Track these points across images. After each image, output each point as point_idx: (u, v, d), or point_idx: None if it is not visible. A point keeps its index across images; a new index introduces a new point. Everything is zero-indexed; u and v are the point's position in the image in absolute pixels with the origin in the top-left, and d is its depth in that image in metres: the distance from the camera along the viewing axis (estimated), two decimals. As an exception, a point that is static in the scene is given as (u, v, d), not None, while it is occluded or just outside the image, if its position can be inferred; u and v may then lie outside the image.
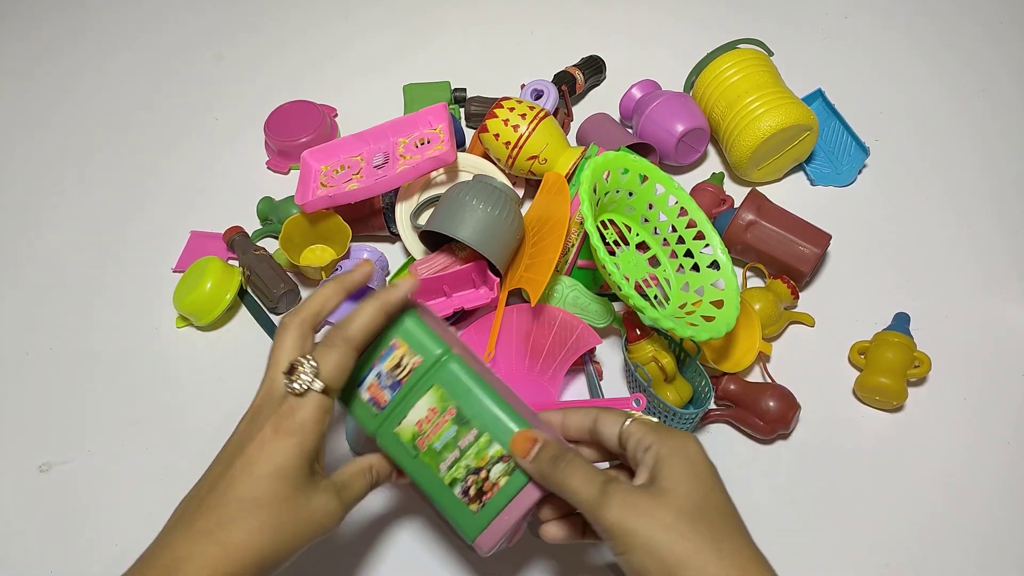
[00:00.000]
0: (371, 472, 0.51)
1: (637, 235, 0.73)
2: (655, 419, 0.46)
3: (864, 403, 0.71)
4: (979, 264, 0.82)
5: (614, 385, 0.73)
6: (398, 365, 0.51)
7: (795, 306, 0.77)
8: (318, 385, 0.46)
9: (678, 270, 0.73)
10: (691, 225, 0.72)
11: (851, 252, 0.83)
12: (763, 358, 0.73)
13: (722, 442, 0.70)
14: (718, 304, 0.68)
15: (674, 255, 0.73)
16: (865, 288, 0.80)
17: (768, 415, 0.66)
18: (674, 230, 0.73)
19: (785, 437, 0.69)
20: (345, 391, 0.52)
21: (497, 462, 0.49)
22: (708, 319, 0.67)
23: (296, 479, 0.44)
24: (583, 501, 0.43)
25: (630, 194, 0.71)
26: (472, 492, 0.50)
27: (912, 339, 0.71)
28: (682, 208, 0.72)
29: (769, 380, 0.72)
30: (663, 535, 0.40)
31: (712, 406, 0.70)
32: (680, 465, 0.43)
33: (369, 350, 0.51)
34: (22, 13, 1.21)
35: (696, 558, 0.39)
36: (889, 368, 0.69)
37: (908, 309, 0.75)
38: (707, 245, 0.72)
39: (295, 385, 0.46)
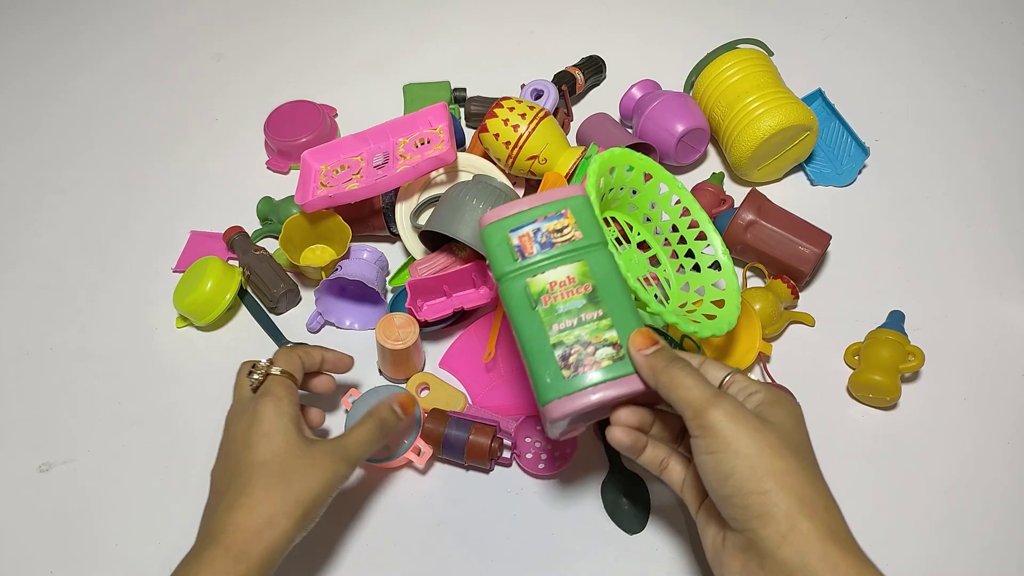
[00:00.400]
0: (389, 412, 0.59)
1: (638, 234, 0.73)
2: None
3: (858, 401, 0.71)
4: (979, 264, 0.82)
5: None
6: (560, 230, 0.56)
7: (795, 306, 0.77)
8: (276, 369, 0.56)
9: (678, 270, 0.73)
10: (693, 225, 0.72)
11: (851, 252, 0.83)
12: (763, 358, 0.73)
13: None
14: (719, 304, 0.68)
15: (675, 255, 0.73)
16: (865, 288, 0.80)
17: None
18: (675, 230, 0.73)
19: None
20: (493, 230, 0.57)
21: (607, 347, 0.52)
22: (710, 317, 0.67)
23: (288, 437, 0.52)
24: (695, 398, 0.44)
25: (633, 192, 0.71)
26: (571, 360, 0.52)
27: (906, 336, 0.71)
28: (684, 208, 0.72)
29: (769, 380, 0.72)
30: (764, 447, 0.42)
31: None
32: (785, 411, 0.45)
33: (531, 208, 0.57)
34: (22, 12, 1.21)
35: (788, 477, 0.41)
36: (881, 365, 0.69)
37: (908, 309, 0.75)
38: (708, 245, 0.72)
39: (256, 376, 0.56)
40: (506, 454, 0.67)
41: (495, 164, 0.83)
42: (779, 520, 0.40)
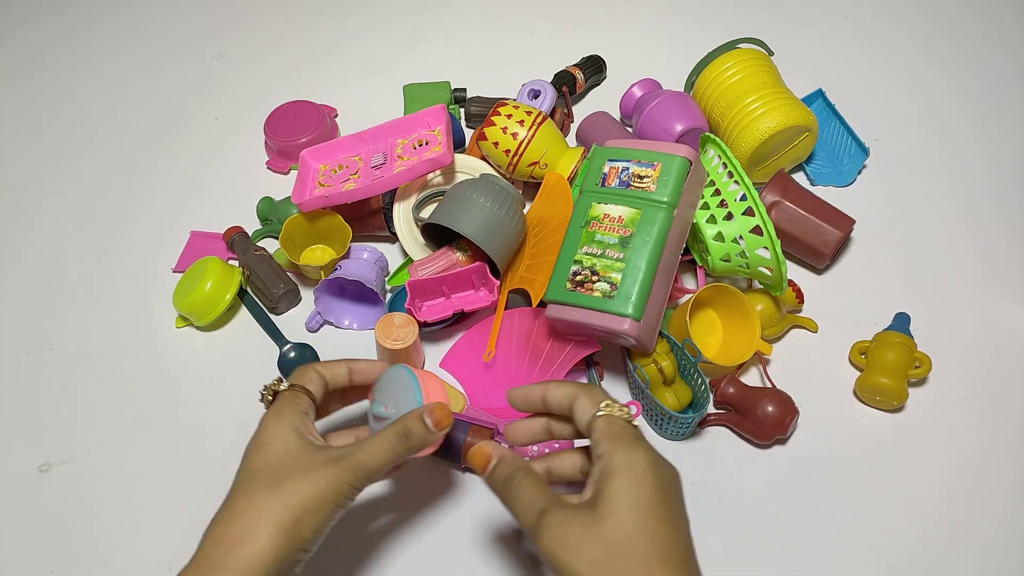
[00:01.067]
0: (418, 424, 0.50)
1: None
2: (624, 416, 0.45)
3: (864, 403, 0.71)
4: (980, 264, 0.82)
5: (615, 386, 0.73)
6: (641, 177, 0.65)
7: (800, 310, 0.77)
8: (284, 385, 0.53)
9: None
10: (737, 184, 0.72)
11: (852, 252, 0.83)
12: (763, 360, 0.73)
13: (721, 442, 0.70)
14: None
15: (712, 219, 0.73)
16: (866, 288, 0.80)
17: (766, 420, 0.66)
18: (716, 193, 0.73)
19: (783, 442, 0.69)
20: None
21: (606, 283, 0.63)
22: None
23: (287, 444, 0.47)
24: (524, 524, 0.44)
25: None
26: (578, 278, 0.64)
27: (912, 339, 0.71)
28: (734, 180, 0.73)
29: (769, 384, 0.72)
30: (587, 570, 0.39)
31: (711, 410, 0.70)
32: (622, 488, 0.41)
33: (631, 152, 0.67)
34: (22, 12, 1.21)
35: None
36: (889, 368, 0.69)
37: (909, 309, 0.75)
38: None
39: (267, 396, 0.53)
40: None
41: (495, 170, 0.83)
42: None
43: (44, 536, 0.66)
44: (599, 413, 0.45)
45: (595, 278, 0.64)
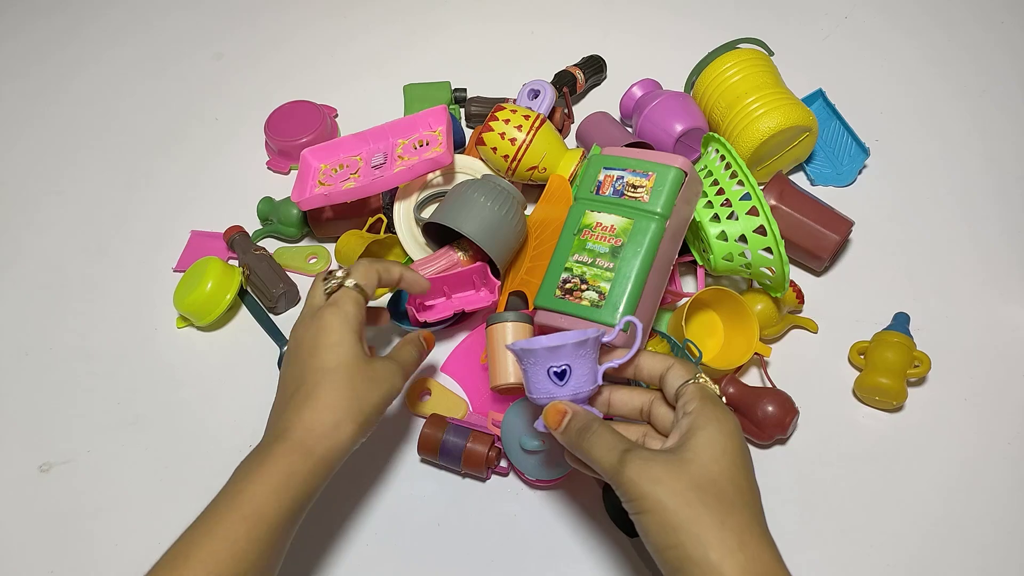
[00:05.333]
0: (419, 341, 0.62)
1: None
2: (716, 388, 0.48)
3: (864, 403, 0.71)
4: (981, 264, 0.82)
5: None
6: (635, 187, 0.64)
7: (800, 311, 0.77)
8: (351, 282, 0.56)
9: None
10: (740, 184, 0.72)
11: (852, 252, 0.83)
12: (762, 361, 0.73)
13: (722, 443, 0.70)
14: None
15: (716, 218, 0.73)
16: (866, 288, 0.80)
17: (766, 420, 0.66)
18: (720, 192, 0.73)
19: (783, 442, 0.69)
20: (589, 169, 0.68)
21: (595, 292, 0.62)
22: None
23: (353, 349, 0.53)
24: (605, 468, 0.45)
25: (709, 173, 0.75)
26: (567, 286, 0.64)
27: (912, 339, 0.71)
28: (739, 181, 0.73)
29: (769, 384, 0.72)
30: (670, 500, 0.41)
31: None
32: (710, 437, 0.44)
33: (626, 161, 0.66)
34: (22, 12, 1.21)
35: (695, 524, 0.40)
36: (889, 368, 0.69)
37: (909, 309, 0.75)
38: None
39: (331, 283, 0.56)
40: (503, 463, 0.67)
41: (495, 172, 0.83)
42: (691, 572, 0.40)
43: (44, 536, 0.66)
44: (691, 381, 0.48)
45: (584, 287, 0.63)
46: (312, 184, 0.81)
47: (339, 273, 0.57)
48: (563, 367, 0.50)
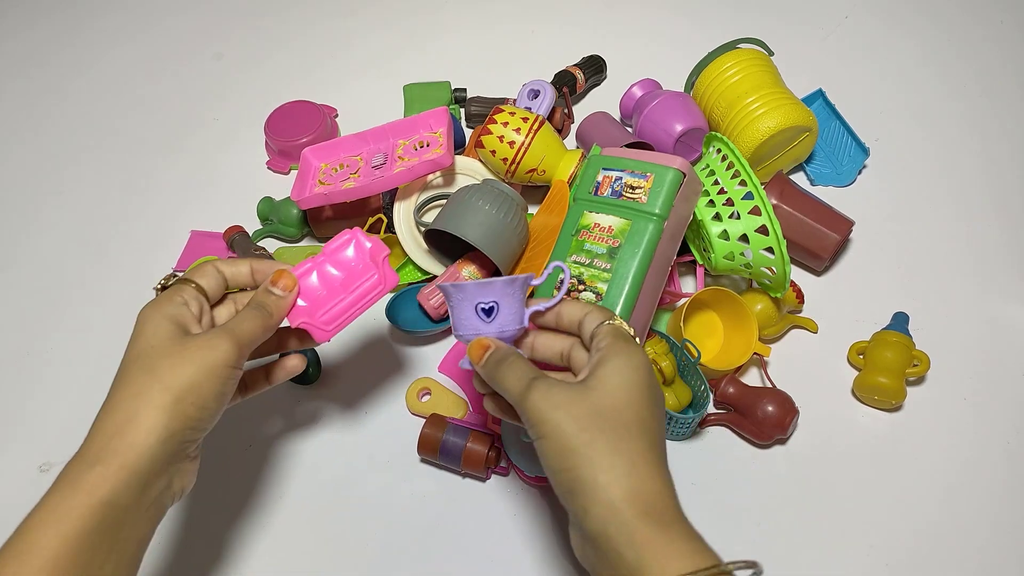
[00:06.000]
0: (261, 300, 0.51)
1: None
2: (631, 331, 0.47)
3: (863, 403, 0.71)
4: (980, 264, 0.82)
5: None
6: (633, 188, 0.65)
7: (800, 310, 0.77)
8: (174, 279, 0.52)
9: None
10: (742, 184, 0.72)
11: (851, 252, 0.83)
12: (762, 361, 0.73)
13: (721, 442, 0.70)
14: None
15: (718, 217, 0.73)
16: (866, 288, 0.80)
17: (766, 420, 0.66)
18: (722, 192, 0.73)
19: (783, 442, 0.69)
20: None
21: (592, 293, 0.63)
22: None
23: (161, 331, 0.47)
24: (513, 395, 0.45)
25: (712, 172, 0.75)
26: (565, 286, 0.60)
27: (911, 338, 0.71)
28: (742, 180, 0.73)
29: (769, 384, 0.72)
30: (568, 425, 0.41)
31: (710, 410, 0.70)
32: (616, 369, 0.43)
33: (625, 162, 0.66)
34: (22, 12, 1.21)
35: (589, 448, 0.40)
36: (888, 367, 0.69)
37: (909, 309, 0.75)
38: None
39: (160, 282, 0.54)
40: (503, 463, 0.67)
41: (495, 175, 0.83)
42: (581, 494, 0.40)
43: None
44: (609, 322, 0.47)
45: (581, 287, 0.64)
46: (312, 183, 0.81)
47: (164, 277, 0.56)
48: (491, 304, 0.50)
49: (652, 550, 0.38)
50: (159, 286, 0.54)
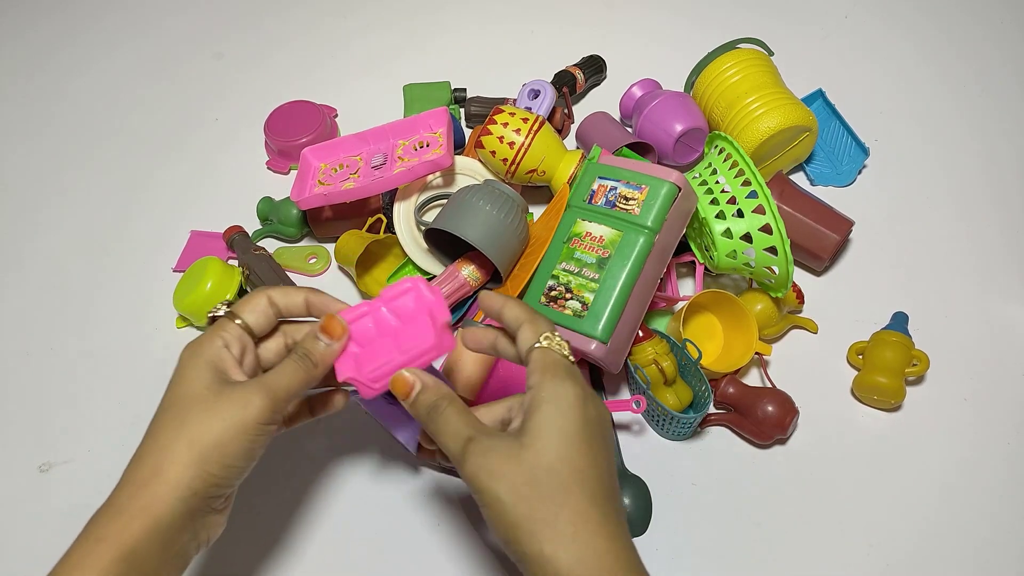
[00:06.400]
0: (303, 354, 0.48)
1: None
2: (561, 351, 0.45)
3: (863, 403, 0.71)
4: (979, 264, 0.82)
5: (616, 385, 0.73)
6: (627, 199, 0.65)
7: (800, 311, 0.77)
8: (221, 311, 0.49)
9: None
10: (746, 183, 0.72)
11: (851, 252, 0.83)
12: (762, 361, 0.73)
13: (722, 442, 0.70)
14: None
15: (721, 215, 0.72)
16: (865, 288, 0.80)
17: (766, 420, 0.66)
18: (726, 190, 0.73)
19: (783, 442, 0.69)
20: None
21: (579, 303, 0.63)
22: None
23: (198, 380, 0.45)
24: (450, 454, 0.44)
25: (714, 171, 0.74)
26: (552, 294, 0.64)
27: (910, 338, 0.71)
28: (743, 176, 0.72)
29: (769, 384, 0.72)
30: (507, 496, 0.40)
31: (711, 410, 0.70)
32: (547, 417, 0.42)
33: (621, 172, 0.66)
34: (22, 13, 1.21)
35: (529, 521, 0.39)
36: (887, 367, 0.69)
37: (908, 309, 0.75)
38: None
39: (210, 314, 0.50)
40: None
41: (494, 175, 0.83)
42: (530, 566, 0.39)
43: (44, 536, 0.66)
44: (537, 345, 0.45)
45: (568, 295, 0.64)
46: (312, 184, 0.81)
47: (217, 306, 0.50)
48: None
49: None
50: (210, 315, 0.50)
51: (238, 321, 0.49)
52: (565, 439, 0.41)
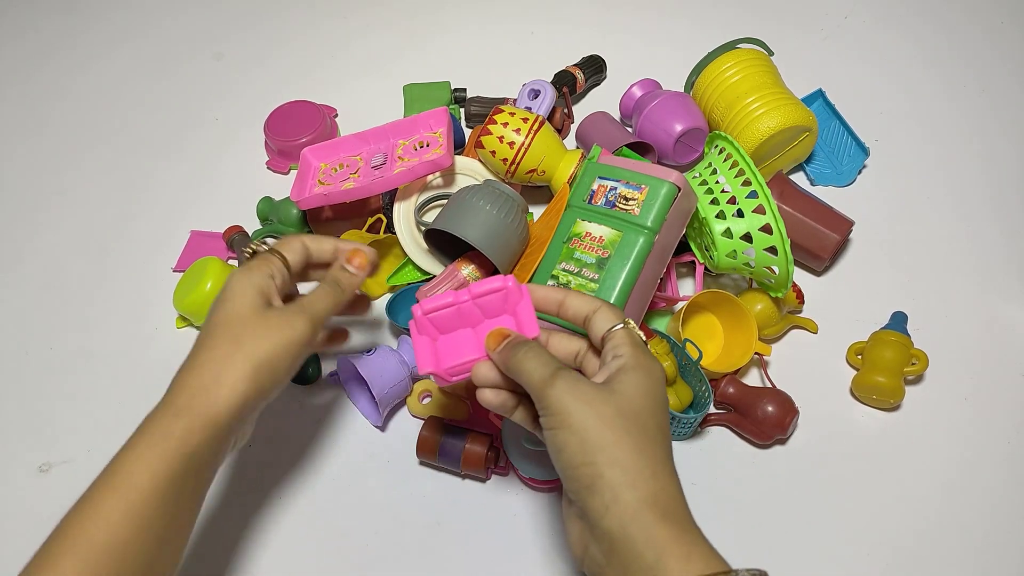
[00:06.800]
0: (335, 281, 0.56)
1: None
2: (643, 335, 0.48)
3: (862, 402, 0.71)
4: (979, 264, 0.82)
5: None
6: (627, 199, 0.64)
7: (800, 311, 0.77)
8: (265, 246, 0.56)
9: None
10: (746, 183, 0.72)
11: (851, 252, 0.83)
12: (762, 361, 0.73)
13: (722, 442, 0.70)
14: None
15: (721, 215, 0.72)
16: (865, 288, 0.80)
17: (766, 420, 0.66)
18: (726, 190, 0.73)
19: (783, 442, 0.69)
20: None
21: None
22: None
23: (248, 301, 0.51)
24: (534, 380, 0.45)
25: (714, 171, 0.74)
26: None
27: (909, 337, 0.71)
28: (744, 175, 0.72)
29: (769, 384, 0.72)
30: (593, 420, 0.42)
31: (711, 410, 0.70)
32: (638, 379, 0.44)
33: (620, 172, 0.66)
34: (22, 13, 1.21)
35: (616, 447, 0.41)
36: (886, 367, 0.69)
37: (908, 309, 0.75)
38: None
39: (246, 251, 0.56)
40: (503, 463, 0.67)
41: (494, 175, 0.83)
42: (603, 491, 0.40)
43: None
44: (620, 325, 0.47)
45: None
46: (312, 183, 0.81)
47: (256, 242, 0.58)
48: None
49: (671, 552, 0.38)
50: (249, 252, 0.56)
51: (279, 257, 0.55)
52: (653, 400, 0.44)
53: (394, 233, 0.79)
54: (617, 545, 0.40)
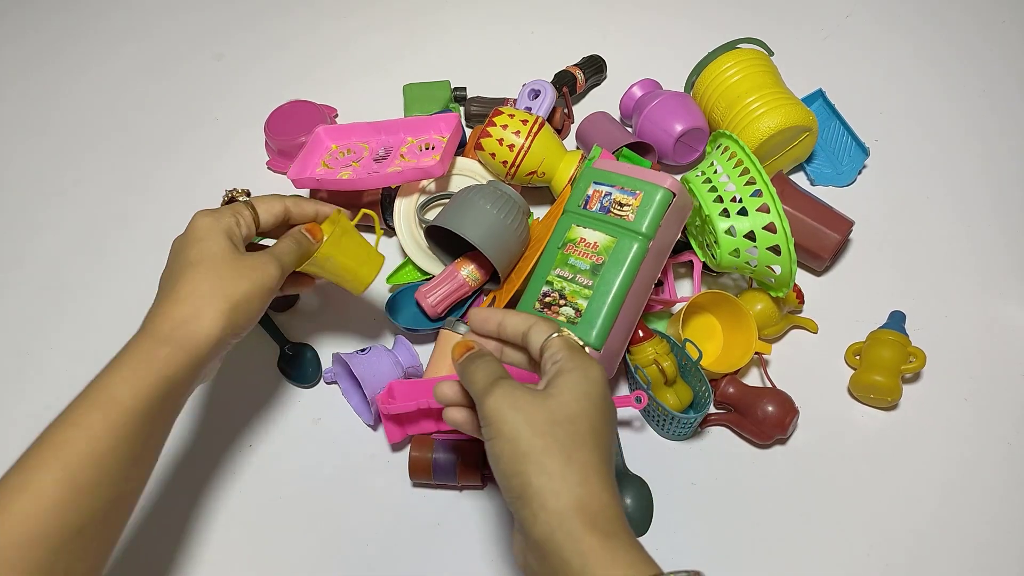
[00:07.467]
0: (300, 233, 0.61)
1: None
2: (581, 342, 0.48)
3: (860, 401, 0.71)
4: (979, 264, 0.82)
5: (616, 384, 0.73)
6: (622, 205, 0.64)
7: (800, 311, 0.77)
8: (242, 197, 0.60)
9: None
10: (751, 181, 0.71)
11: (851, 252, 0.83)
12: (762, 361, 0.73)
13: (722, 442, 0.70)
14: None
15: (725, 213, 0.72)
16: (865, 288, 0.80)
17: (766, 420, 0.66)
18: (729, 191, 0.73)
19: (783, 442, 0.69)
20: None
21: (572, 309, 0.63)
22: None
23: (220, 244, 0.54)
24: (477, 389, 0.46)
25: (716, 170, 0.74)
26: (546, 300, 0.64)
27: (907, 336, 0.71)
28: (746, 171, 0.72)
29: (769, 384, 0.72)
30: (525, 427, 0.42)
31: (711, 410, 0.70)
32: (574, 380, 0.44)
33: (615, 177, 0.66)
34: (23, 13, 1.21)
35: (543, 454, 0.41)
36: (883, 365, 0.69)
37: (908, 309, 0.75)
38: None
39: (229, 192, 0.60)
40: None
41: (495, 177, 0.83)
42: (531, 500, 0.41)
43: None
44: (556, 335, 0.48)
45: (563, 302, 0.63)
46: (315, 163, 0.83)
47: (238, 191, 0.62)
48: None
49: (597, 558, 0.39)
50: (227, 197, 0.60)
51: (251, 211, 0.58)
52: (588, 401, 0.44)
53: (385, 228, 0.79)
54: (547, 553, 0.40)
